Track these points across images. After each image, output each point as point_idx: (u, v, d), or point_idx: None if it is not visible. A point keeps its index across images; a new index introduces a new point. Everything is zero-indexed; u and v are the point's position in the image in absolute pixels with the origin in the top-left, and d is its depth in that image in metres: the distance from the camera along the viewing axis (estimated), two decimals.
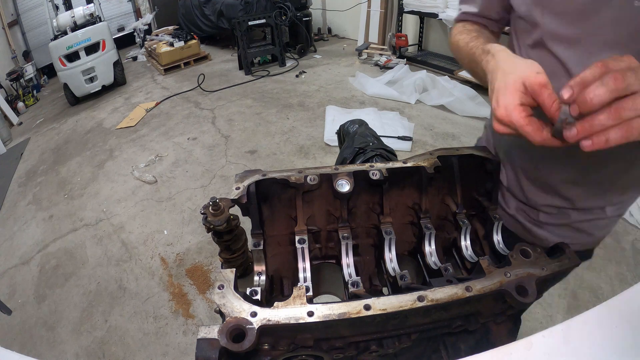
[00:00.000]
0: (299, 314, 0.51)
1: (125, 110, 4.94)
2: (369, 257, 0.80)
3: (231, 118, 4.24)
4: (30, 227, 3.10)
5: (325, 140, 3.53)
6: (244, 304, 0.52)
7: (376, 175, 0.72)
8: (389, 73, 4.66)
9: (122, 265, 2.55)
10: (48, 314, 2.29)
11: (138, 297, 2.30)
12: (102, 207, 3.14)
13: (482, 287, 0.55)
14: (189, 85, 5.30)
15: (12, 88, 6.00)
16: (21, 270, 2.67)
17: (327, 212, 0.77)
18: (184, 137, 3.99)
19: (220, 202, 0.69)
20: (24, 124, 5.42)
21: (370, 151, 1.12)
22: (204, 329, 0.51)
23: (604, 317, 0.47)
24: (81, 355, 2.02)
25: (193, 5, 6.60)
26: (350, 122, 1.43)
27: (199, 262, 2.47)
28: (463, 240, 0.77)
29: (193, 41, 6.20)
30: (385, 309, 0.52)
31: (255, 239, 0.73)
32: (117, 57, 5.73)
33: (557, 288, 2.02)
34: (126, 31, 8.05)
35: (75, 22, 5.33)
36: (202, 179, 3.27)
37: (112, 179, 3.51)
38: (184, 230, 2.75)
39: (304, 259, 0.69)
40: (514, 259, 0.59)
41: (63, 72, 5.16)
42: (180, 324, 2.10)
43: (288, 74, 5.31)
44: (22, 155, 4.40)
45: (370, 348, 0.59)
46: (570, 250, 0.62)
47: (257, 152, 3.54)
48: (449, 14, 4.18)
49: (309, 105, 4.31)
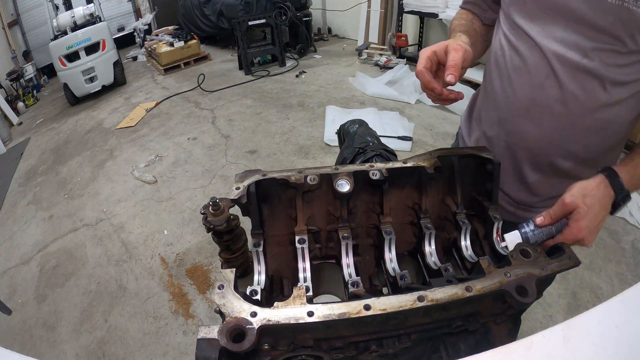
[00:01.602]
0: (299, 314, 0.51)
1: (125, 110, 4.93)
2: (369, 257, 0.80)
3: (231, 118, 4.24)
4: (30, 227, 3.10)
5: (325, 140, 3.53)
6: (244, 304, 0.52)
7: (376, 175, 0.72)
8: (389, 73, 4.66)
9: (122, 265, 2.55)
10: (48, 314, 2.29)
11: (138, 297, 2.30)
12: (102, 207, 3.14)
13: (482, 287, 0.55)
14: (189, 85, 5.30)
15: (12, 88, 6.00)
16: (21, 270, 2.67)
17: (327, 212, 0.77)
18: (184, 137, 3.99)
19: (220, 202, 0.69)
20: (24, 124, 5.42)
21: (370, 151, 1.12)
22: (204, 329, 0.51)
23: (604, 317, 0.47)
24: (81, 355, 2.02)
25: (193, 5, 6.60)
26: (350, 122, 1.43)
27: (199, 262, 2.47)
28: (463, 240, 0.77)
29: (193, 41, 6.20)
30: (385, 309, 0.52)
31: (255, 239, 0.73)
32: (117, 57, 5.73)
33: (557, 288, 2.02)
34: (126, 31, 8.06)
35: (75, 22, 5.33)
36: (202, 179, 3.27)
37: (112, 179, 3.51)
38: (184, 230, 2.75)
39: (304, 259, 0.69)
40: (514, 259, 0.59)
41: (63, 72, 5.16)
42: (180, 324, 2.10)
43: (288, 74, 5.31)
44: (22, 155, 4.40)
45: (370, 348, 0.59)
46: (570, 250, 0.62)
47: (257, 152, 3.54)
48: (449, 14, 4.18)
49: (309, 105, 4.31)
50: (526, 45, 0.78)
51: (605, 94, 0.74)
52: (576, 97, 0.75)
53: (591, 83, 0.73)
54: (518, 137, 0.85)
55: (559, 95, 0.76)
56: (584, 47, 0.71)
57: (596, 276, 2.09)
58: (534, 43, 0.76)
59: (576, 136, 0.80)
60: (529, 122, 0.82)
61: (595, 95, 0.74)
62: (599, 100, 0.74)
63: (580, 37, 0.71)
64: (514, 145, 0.87)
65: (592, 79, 0.73)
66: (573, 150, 0.82)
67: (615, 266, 2.14)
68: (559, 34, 0.73)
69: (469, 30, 0.90)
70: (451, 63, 0.68)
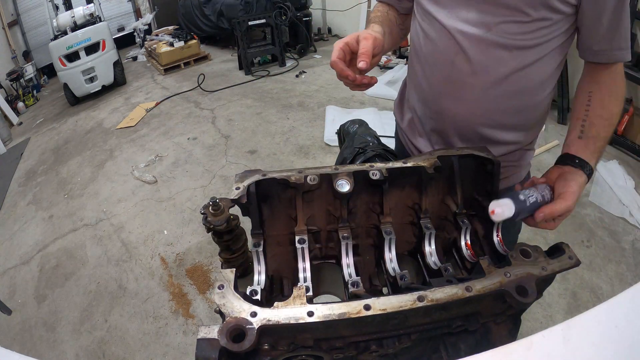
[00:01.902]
0: (299, 314, 0.51)
1: (125, 110, 4.93)
2: (369, 257, 0.80)
3: (231, 118, 4.24)
4: (30, 227, 3.10)
5: (325, 140, 3.53)
6: (244, 304, 0.52)
7: (376, 175, 0.72)
8: (389, 73, 4.66)
9: (122, 265, 2.55)
10: (48, 314, 2.29)
11: (138, 297, 2.30)
12: (102, 207, 3.14)
13: (482, 287, 0.55)
14: (189, 85, 5.30)
15: (12, 88, 5.99)
16: (21, 270, 2.67)
17: (327, 212, 0.77)
18: (184, 137, 3.99)
19: (220, 202, 0.69)
20: (24, 124, 5.42)
21: (370, 151, 1.12)
22: (204, 329, 0.51)
23: (604, 317, 0.47)
24: (81, 355, 2.02)
25: (193, 5, 6.59)
26: (350, 122, 1.43)
27: (199, 262, 2.47)
28: (463, 240, 0.77)
29: (193, 41, 6.20)
30: (385, 309, 0.52)
31: (255, 239, 0.73)
32: (117, 57, 5.72)
33: (557, 288, 2.02)
34: (126, 31, 8.04)
35: (75, 22, 5.32)
36: (202, 179, 3.27)
37: (112, 179, 3.51)
38: (184, 230, 2.75)
39: (304, 259, 0.69)
40: (514, 259, 0.59)
41: (63, 72, 5.15)
42: (180, 324, 2.10)
43: (288, 74, 5.30)
44: (22, 155, 4.40)
45: (370, 348, 0.59)
46: (570, 250, 0.62)
47: (257, 152, 3.54)
48: None
49: (309, 105, 4.31)
50: (435, 29, 0.85)
51: (513, 61, 0.79)
52: (485, 67, 0.81)
53: (498, 53, 0.79)
54: (443, 114, 0.92)
55: (470, 69, 0.82)
56: (487, 22, 0.78)
57: (596, 276, 2.09)
58: (442, 26, 0.83)
59: (494, 104, 0.85)
60: (449, 99, 0.89)
61: (504, 62, 0.80)
62: (508, 67, 0.80)
63: (484, 15, 0.78)
64: (442, 122, 0.93)
65: (498, 49, 0.79)
66: (495, 118, 0.87)
67: (615, 266, 2.14)
68: (463, 15, 0.80)
69: (384, 20, 0.96)
70: (362, 51, 0.73)
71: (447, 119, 0.92)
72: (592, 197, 2.60)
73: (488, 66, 0.81)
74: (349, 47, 0.77)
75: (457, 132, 0.92)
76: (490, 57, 0.80)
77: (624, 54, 0.79)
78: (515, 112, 0.87)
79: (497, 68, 0.81)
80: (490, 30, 0.78)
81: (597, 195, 2.61)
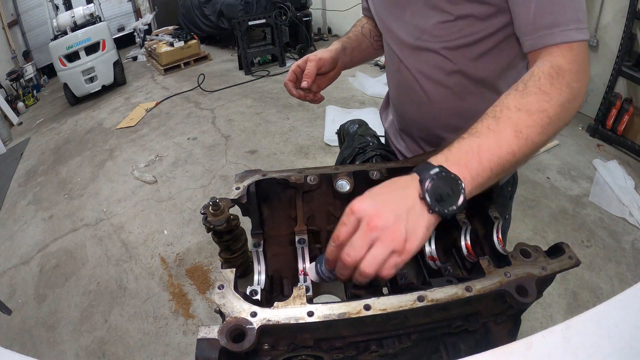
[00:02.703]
0: (299, 314, 0.51)
1: (125, 110, 4.93)
2: None
3: (231, 118, 4.24)
4: (30, 227, 3.10)
5: (325, 140, 3.53)
6: (244, 304, 0.52)
7: (376, 175, 0.72)
8: None
9: (122, 265, 2.55)
10: (48, 314, 2.29)
11: (138, 297, 2.30)
12: (102, 207, 3.14)
13: (482, 287, 0.55)
14: (189, 85, 5.30)
15: (12, 88, 5.99)
16: (21, 270, 2.67)
17: (327, 212, 0.77)
18: (184, 137, 3.99)
19: (220, 202, 0.69)
20: (24, 124, 5.42)
21: (370, 151, 1.12)
22: (204, 329, 0.51)
23: (604, 317, 0.47)
24: (81, 355, 2.02)
25: (193, 5, 6.59)
26: (350, 122, 1.43)
27: (199, 262, 2.47)
28: (463, 240, 0.77)
29: (193, 41, 6.20)
30: (385, 309, 0.52)
31: (255, 239, 0.73)
32: (117, 57, 5.72)
33: (557, 288, 2.02)
34: (126, 31, 8.04)
35: (75, 22, 5.32)
36: (202, 179, 3.27)
37: (112, 179, 3.51)
38: (184, 230, 2.75)
39: (304, 259, 0.69)
40: (514, 259, 0.59)
41: (63, 72, 5.15)
42: (180, 324, 2.10)
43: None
44: (22, 155, 4.40)
45: (370, 348, 0.59)
46: (570, 250, 0.62)
47: (257, 152, 3.54)
48: None
49: (309, 105, 4.30)
50: (384, 38, 0.91)
51: (448, 62, 0.79)
52: (425, 73, 0.83)
53: (431, 57, 0.80)
54: (405, 118, 0.97)
55: (412, 76, 0.85)
56: (421, 27, 0.79)
57: (596, 276, 2.09)
58: (386, 35, 0.89)
59: (444, 108, 0.86)
60: (405, 105, 0.94)
61: (439, 65, 0.80)
62: (446, 69, 0.80)
63: (417, 19, 0.79)
64: (407, 126, 0.98)
65: (429, 53, 0.80)
66: (450, 122, 0.87)
67: (615, 266, 2.14)
68: (399, 22, 0.83)
69: (354, 35, 1.03)
70: (306, 72, 0.87)
71: (410, 123, 0.96)
72: (592, 197, 2.60)
73: (426, 71, 0.82)
74: (300, 68, 0.90)
75: (421, 136, 0.95)
76: (425, 62, 0.81)
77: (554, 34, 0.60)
78: (470, 112, 0.76)
79: (436, 71, 0.81)
80: (418, 39, 0.79)
81: (597, 195, 2.61)
